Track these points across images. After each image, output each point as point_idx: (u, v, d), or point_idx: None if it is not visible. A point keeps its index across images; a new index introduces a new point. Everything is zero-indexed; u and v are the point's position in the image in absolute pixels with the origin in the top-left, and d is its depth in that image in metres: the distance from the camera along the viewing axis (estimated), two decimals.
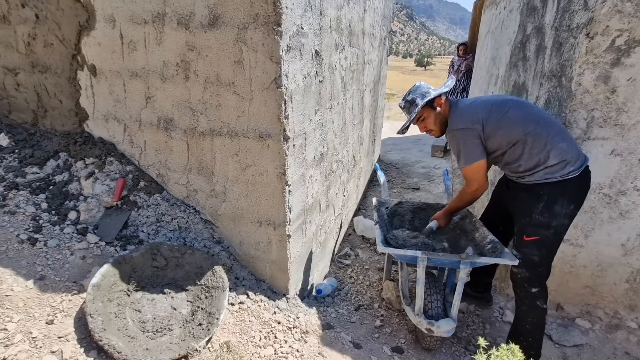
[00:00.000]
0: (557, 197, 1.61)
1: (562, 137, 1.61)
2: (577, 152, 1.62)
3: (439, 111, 1.80)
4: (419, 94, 1.80)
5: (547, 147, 1.59)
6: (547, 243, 1.66)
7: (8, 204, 1.74)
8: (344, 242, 3.13)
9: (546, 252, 1.68)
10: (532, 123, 1.61)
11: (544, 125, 1.62)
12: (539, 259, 1.67)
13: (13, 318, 1.32)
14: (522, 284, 1.74)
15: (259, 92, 1.55)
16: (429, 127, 1.85)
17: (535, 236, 1.66)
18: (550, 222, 1.62)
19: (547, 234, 1.64)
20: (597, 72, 1.77)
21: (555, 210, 1.61)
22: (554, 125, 1.65)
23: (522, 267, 1.71)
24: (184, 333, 1.47)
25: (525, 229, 1.70)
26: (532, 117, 1.64)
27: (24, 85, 2.03)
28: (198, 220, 1.89)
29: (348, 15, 2.35)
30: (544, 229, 1.64)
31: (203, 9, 1.50)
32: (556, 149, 1.58)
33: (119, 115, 1.86)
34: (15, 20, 1.89)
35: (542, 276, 1.72)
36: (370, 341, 1.96)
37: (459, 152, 1.74)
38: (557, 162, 1.58)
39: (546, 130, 1.61)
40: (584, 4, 1.75)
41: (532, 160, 1.62)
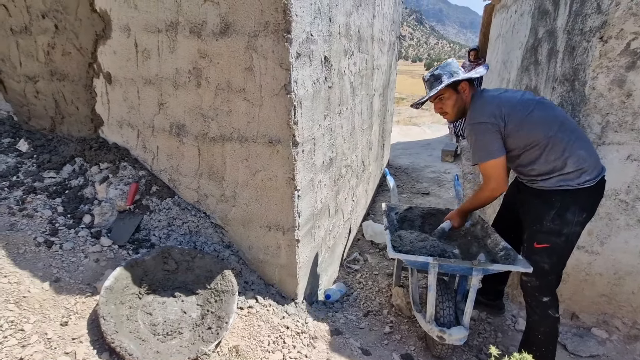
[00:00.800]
0: (569, 205, 1.56)
1: (582, 143, 1.56)
2: (596, 160, 1.56)
3: (461, 96, 1.72)
4: (447, 72, 1.71)
5: (566, 154, 1.53)
6: (558, 251, 1.62)
7: (26, 207, 1.80)
8: (352, 247, 3.12)
9: (557, 260, 1.64)
10: (555, 127, 1.55)
11: (565, 130, 1.55)
12: (550, 267, 1.63)
13: (30, 319, 1.36)
14: (532, 293, 1.70)
15: (269, 98, 1.57)
16: (445, 109, 1.77)
17: (546, 243, 1.62)
18: (562, 230, 1.58)
19: (558, 242, 1.60)
20: (611, 75, 1.74)
21: (567, 218, 1.57)
22: (575, 130, 1.59)
23: (532, 276, 1.66)
24: (194, 336, 1.49)
25: (536, 236, 1.65)
26: (555, 120, 1.57)
27: (43, 92, 2.10)
28: (208, 225, 1.91)
29: (357, 21, 2.36)
30: (555, 236, 1.60)
31: (215, 18, 1.53)
32: (574, 156, 1.53)
33: (133, 122, 1.90)
34: (36, 31, 1.96)
35: (552, 285, 1.68)
36: (379, 348, 1.94)
37: (476, 147, 1.63)
38: (573, 170, 1.53)
39: (567, 135, 1.54)
40: (597, 7, 1.73)
41: (548, 165, 1.57)
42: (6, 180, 1.91)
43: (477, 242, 2.06)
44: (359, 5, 2.37)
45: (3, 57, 2.14)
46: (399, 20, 4.47)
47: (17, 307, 1.37)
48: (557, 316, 1.70)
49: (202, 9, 1.54)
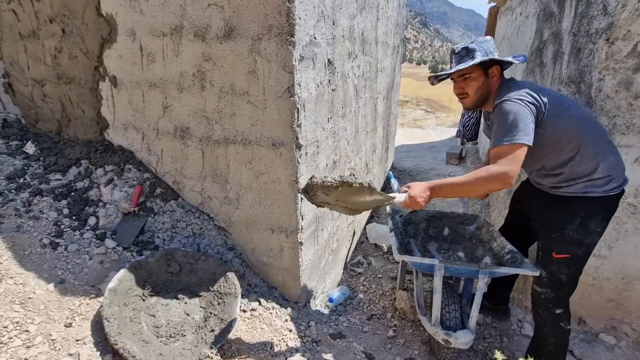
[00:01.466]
0: (594, 214, 1.46)
1: (612, 148, 1.47)
2: (623, 168, 1.48)
3: (488, 81, 1.53)
4: (483, 49, 1.50)
5: (597, 158, 1.42)
6: (577, 262, 1.53)
7: (33, 209, 1.82)
8: (356, 250, 3.10)
9: (575, 271, 1.55)
10: (588, 127, 1.44)
11: (597, 132, 1.45)
12: (567, 279, 1.54)
13: (34, 320, 1.36)
14: (545, 305, 1.61)
15: (272, 101, 1.57)
16: (466, 90, 1.55)
17: (566, 254, 1.51)
18: (584, 240, 1.48)
19: (579, 252, 1.50)
20: (618, 77, 1.72)
21: (590, 228, 1.47)
22: (605, 134, 1.50)
23: (547, 287, 1.58)
24: (197, 339, 1.49)
25: (555, 245, 1.54)
26: (589, 120, 1.47)
27: (50, 96, 2.13)
28: (212, 227, 1.91)
29: (361, 24, 2.37)
30: (577, 246, 1.49)
31: (219, 21, 1.55)
32: (605, 161, 1.42)
33: (138, 124, 1.92)
34: (44, 35, 1.99)
35: (567, 296, 1.59)
36: (382, 352, 1.92)
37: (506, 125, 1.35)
38: (603, 176, 1.42)
39: (599, 138, 1.45)
40: (603, 8, 1.71)
41: (579, 167, 1.43)
42: (13, 182, 1.93)
43: (483, 246, 2.04)
44: (363, 9, 2.37)
45: (12, 61, 2.18)
46: (403, 23, 4.47)
47: (23, 308, 1.38)
48: (568, 328, 1.62)
49: (206, 12, 1.55)
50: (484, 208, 3.89)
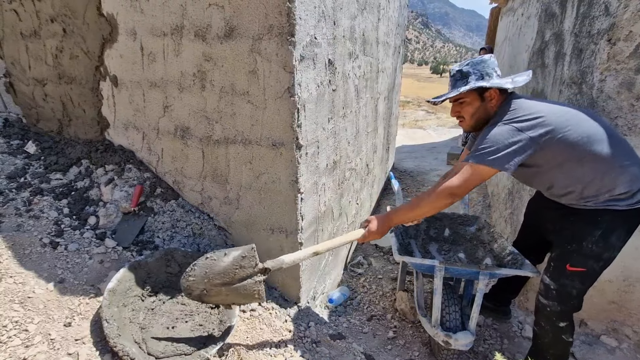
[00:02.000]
0: (616, 227, 1.35)
1: (634, 157, 1.31)
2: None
3: (485, 105, 1.44)
4: (478, 71, 1.42)
5: (614, 173, 1.29)
6: (592, 276, 1.43)
7: (33, 208, 1.82)
8: (356, 251, 3.10)
9: (587, 287, 1.46)
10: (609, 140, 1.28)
11: (611, 145, 1.29)
12: (577, 293, 1.45)
13: (34, 319, 1.36)
14: (550, 318, 1.53)
15: (273, 101, 1.57)
16: (462, 115, 1.49)
17: (582, 267, 1.40)
18: (602, 254, 1.38)
19: (595, 267, 1.40)
20: (620, 78, 1.71)
21: (611, 242, 1.36)
22: (624, 141, 1.34)
23: (554, 300, 1.49)
24: (195, 341, 1.48)
25: (571, 257, 1.42)
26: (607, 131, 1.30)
27: (51, 95, 2.14)
28: (212, 227, 1.91)
29: (362, 24, 2.36)
30: (594, 260, 1.39)
31: (219, 21, 1.55)
32: (626, 174, 1.29)
33: (138, 124, 1.92)
34: (45, 35, 2.00)
35: (574, 310, 1.51)
36: (382, 353, 1.92)
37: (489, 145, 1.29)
38: (625, 191, 1.30)
39: (616, 150, 1.29)
40: (605, 9, 1.71)
41: (592, 187, 1.32)
42: (14, 182, 1.93)
43: (483, 247, 2.04)
44: (364, 9, 2.37)
45: (13, 60, 2.18)
46: (404, 23, 4.47)
47: (22, 308, 1.38)
48: (570, 341, 1.55)
49: (207, 12, 1.55)
50: (485, 209, 3.88)
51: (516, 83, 1.39)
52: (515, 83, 1.39)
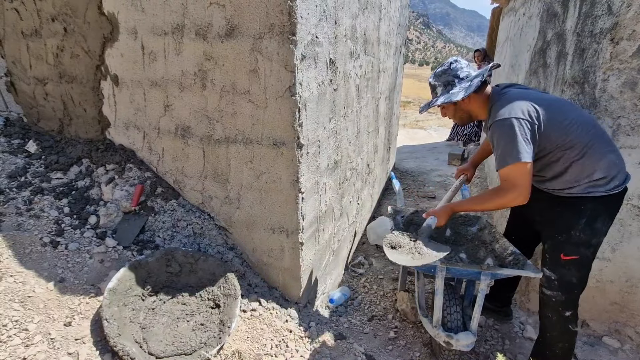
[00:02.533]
0: (599, 213, 1.45)
1: (613, 147, 1.43)
2: (623, 165, 1.45)
3: (460, 107, 1.62)
4: (441, 83, 1.59)
5: (595, 159, 1.40)
6: (586, 263, 1.52)
7: (34, 207, 1.81)
8: (357, 251, 3.09)
9: (585, 273, 1.54)
10: (592, 128, 1.41)
11: (594, 133, 1.42)
12: (577, 280, 1.53)
13: (34, 319, 1.36)
14: (556, 308, 1.59)
15: (274, 100, 1.57)
16: (448, 116, 1.72)
17: (575, 255, 1.50)
18: (591, 240, 1.47)
19: (587, 253, 1.49)
20: (623, 78, 1.70)
21: (596, 228, 1.46)
22: (602, 133, 1.46)
23: (557, 290, 1.56)
24: (196, 340, 1.48)
25: (563, 247, 1.52)
26: (591, 121, 1.44)
27: (52, 94, 2.13)
28: (212, 227, 1.91)
29: (363, 24, 2.36)
30: (585, 247, 1.48)
31: (220, 20, 1.54)
32: (604, 160, 1.40)
33: (139, 123, 1.91)
34: (46, 34, 1.99)
35: (577, 298, 1.58)
36: (383, 353, 1.91)
37: (503, 147, 1.39)
38: (603, 177, 1.41)
39: (596, 139, 1.41)
40: (608, 8, 1.70)
41: (575, 172, 1.43)
42: (15, 181, 1.93)
43: (485, 247, 2.03)
44: (365, 8, 2.37)
45: (14, 60, 2.18)
46: (405, 23, 4.46)
47: (22, 307, 1.38)
48: (575, 330, 1.61)
49: (208, 11, 1.55)
50: None
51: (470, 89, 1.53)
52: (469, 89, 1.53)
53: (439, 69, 1.64)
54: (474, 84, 1.54)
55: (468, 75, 1.58)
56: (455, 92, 1.56)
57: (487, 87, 1.60)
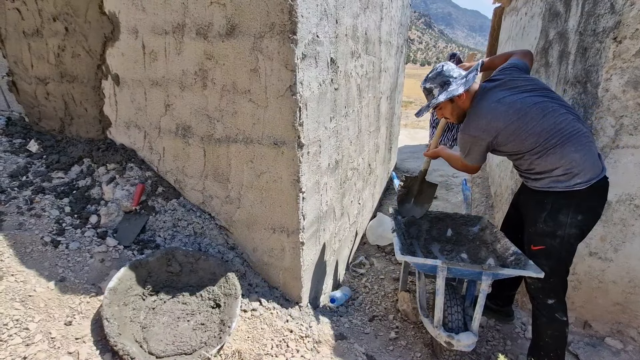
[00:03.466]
0: (561, 207, 1.55)
1: (578, 146, 1.50)
2: (592, 164, 1.50)
3: (457, 104, 1.73)
4: (437, 85, 1.73)
5: (557, 157, 1.51)
6: (554, 253, 1.60)
7: (35, 207, 1.82)
8: (358, 251, 3.09)
9: (555, 263, 1.61)
10: (548, 138, 1.52)
11: (561, 135, 1.51)
12: (549, 269, 1.61)
13: (34, 318, 1.36)
14: (537, 295, 1.70)
15: (274, 99, 1.56)
16: (446, 115, 1.82)
17: (542, 245, 1.62)
18: (556, 231, 1.57)
19: (553, 243, 1.59)
20: (625, 77, 1.69)
21: (559, 220, 1.56)
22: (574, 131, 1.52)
23: (534, 278, 1.65)
24: (196, 340, 1.47)
25: (532, 238, 1.66)
26: (551, 129, 1.52)
27: (53, 94, 2.14)
28: (213, 226, 1.91)
29: (364, 23, 2.35)
30: (550, 237, 1.59)
31: (221, 19, 1.54)
32: (567, 158, 1.50)
33: (140, 123, 1.91)
34: (47, 34, 2.00)
35: (556, 287, 1.66)
36: (384, 354, 1.90)
37: (464, 151, 1.76)
38: (564, 173, 1.52)
39: (563, 140, 1.51)
40: (611, 7, 1.69)
41: (539, 167, 1.58)
42: (16, 180, 1.93)
43: (486, 247, 2.02)
44: (366, 8, 2.36)
45: (16, 59, 2.18)
46: (407, 23, 4.45)
47: (23, 306, 1.38)
48: (564, 319, 1.66)
49: (209, 10, 1.55)
50: (488, 209, 3.85)
51: (467, 83, 1.67)
52: (467, 84, 1.67)
53: (432, 73, 1.77)
54: (471, 79, 1.69)
55: (460, 75, 1.72)
56: (454, 88, 1.68)
57: (475, 85, 1.74)
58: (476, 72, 1.72)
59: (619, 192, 1.85)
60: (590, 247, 1.99)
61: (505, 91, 1.65)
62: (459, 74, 1.72)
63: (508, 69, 1.75)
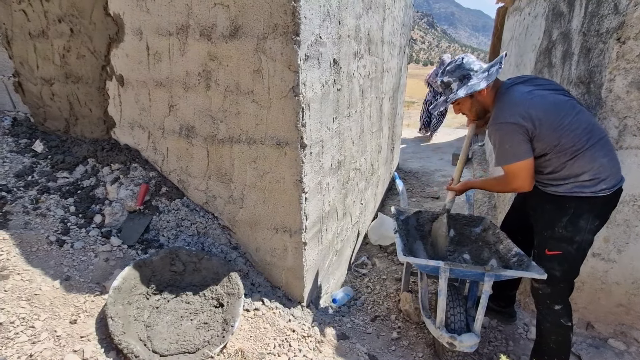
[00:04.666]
0: (583, 212, 1.50)
1: (606, 151, 1.46)
2: (617, 169, 1.49)
3: (477, 99, 1.61)
4: (456, 78, 1.58)
5: (585, 161, 1.45)
6: (569, 258, 1.57)
7: (40, 207, 1.84)
8: (361, 251, 3.09)
9: (568, 268, 1.59)
10: (585, 136, 1.44)
11: (593, 137, 1.46)
12: (561, 275, 1.59)
13: (40, 316, 1.38)
14: (543, 301, 1.67)
15: (277, 100, 1.57)
16: (463, 111, 1.70)
17: (558, 251, 1.58)
18: (574, 237, 1.53)
19: (570, 249, 1.56)
20: (629, 78, 1.68)
21: (580, 225, 1.52)
22: (601, 136, 1.48)
23: (543, 283, 1.63)
24: (199, 339, 1.48)
25: (547, 242, 1.61)
26: (587, 127, 1.46)
27: (58, 95, 2.16)
28: (216, 226, 1.92)
29: (367, 24, 2.36)
30: (567, 243, 1.55)
31: (224, 21, 1.55)
32: (595, 163, 1.44)
33: (144, 123, 1.93)
34: (53, 35, 2.01)
35: (564, 292, 1.64)
36: (386, 354, 1.91)
37: (501, 149, 1.51)
38: (590, 179, 1.46)
39: (594, 143, 1.45)
40: (614, 8, 1.68)
41: (564, 171, 1.49)
42: (22, 180, 1.95)
43: (489, 248, 2.02)
44: (369, 8, 2.36)
45: (22, 60, 2.21)
46: (409, 23, 4.45)
47: (29, 305, 1.40)
48: (569, 325, 1.65)
49: (212, 12, 1.56)
50: (490, 210, 3.84)
51: (490, 77, 1.55)
52: (490, 78, 1.55)
53: (451, 66, 1.62)
54: (494, 72, 1.55)
55: (481, 68, 1.59)
56: (475, 82, 1.55)
57: (497, 80, 1.62)
58: (500, 65, 1.56)
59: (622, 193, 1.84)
60: (593, 248, 1.98)
61: (532, 86, 1.55)
62: (480, 67, 1.59)
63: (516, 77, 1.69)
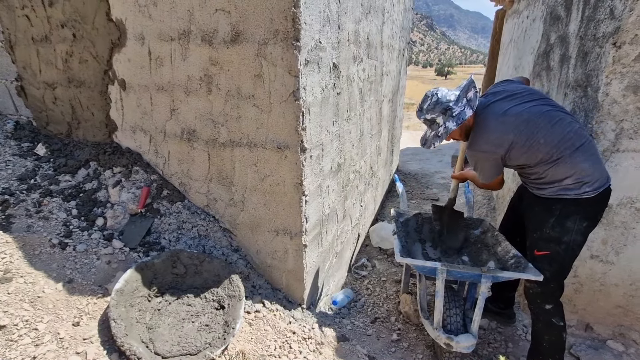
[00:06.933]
0: (570, 214, 1.57)
1: (587, 156, 1.51)
2: (600, 172, 1.53)
3: (465, 124, 1.71)
4: (440, 112, 1.64)
5: (567, 167, 1.52)
6: (558, 259, 1.62)
7: (43, 210, 1.85)
8: (361, 253, 3.10)
9: (558, 268, 1.63)
10: (560, 148, 1.52)
11: (574, 144, 1.52)
12: (550, 275, 1.63)
13: (43, 319, 1.39)
14: (535, 300, 1.71)
15: (278, 104, 1.59)
16: (454, 138, 1.82)
17: (546, 251, 1.63)
18: (562, 238, 1.59)
19: (558, 249, 1.60)
20: (625, 82, 1.71)
21: (566, 226, 1.57)
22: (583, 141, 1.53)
23: (533, 282, 1.67)
24: (201, 341, 1.50)
25: (537, 243, 1.67)
26: (565, 135, 1.52)
27: (61, 99, 2.18)
28: (217, 229, 1.93)
29: (366, 28, 2.38)
30: (555, 243, 1.60)
31: (226, 26, 1.57)
32: (577, 169, 1.51)
33: (146, 127, 1.95)
34: (55, 40, 2.04)
35: (554, 292, 1.67)
36: (386, 355, 1.92)
37: (476, 169, 1.75)
38: (574, 182, 1.53)
39: (571, 150, 1.51)
40: (611, 12, 1.71)
41: (548, 176, 1.58)
42: (24, 183, 1.97)
43: (487, 250, 2.03)
44: (369, 13, 2.39)
45: (25, 65, 2.23)
46: (409, 26, 4.48)
47: (32, 307, 1.41)
48: (561, 324, 1.68)
49: (214, 17, 1.58)
50: (490, 212, 3.86)
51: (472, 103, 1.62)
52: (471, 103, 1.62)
53: (427, 104, 1.68)
54: (473, 98, 1.63)
55: (458, 97, 1.63)
56: (459, 112, 1.62)
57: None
58: (475, 89, 1.64)
59: (619, 196, 1.86)
60: (591, 250, 2.00)
61: (508, 102, 1.62)
62: (455, 96, 1.64)
63: (500, 83, 1.78)
